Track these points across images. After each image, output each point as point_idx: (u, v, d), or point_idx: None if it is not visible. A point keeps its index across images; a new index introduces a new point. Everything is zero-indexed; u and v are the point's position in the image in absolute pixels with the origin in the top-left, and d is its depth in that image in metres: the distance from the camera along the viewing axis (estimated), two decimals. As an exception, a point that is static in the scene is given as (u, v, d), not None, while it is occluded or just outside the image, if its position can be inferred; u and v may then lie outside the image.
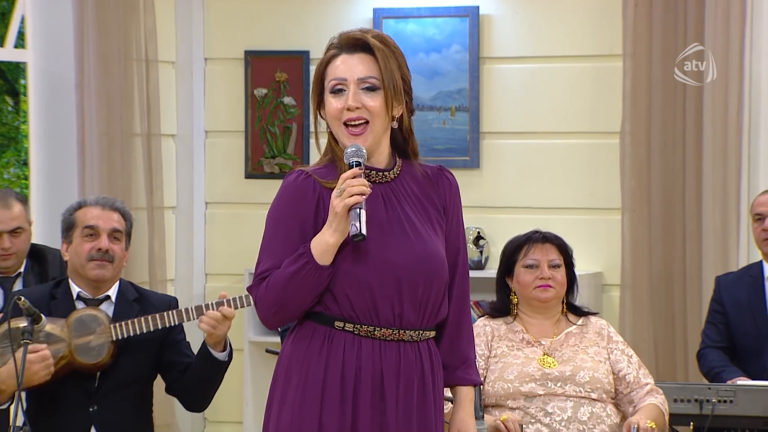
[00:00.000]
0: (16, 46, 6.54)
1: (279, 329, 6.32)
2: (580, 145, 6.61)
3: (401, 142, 3.44)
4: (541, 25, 6.64)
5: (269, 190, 7.05)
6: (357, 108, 3.29)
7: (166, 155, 6.90)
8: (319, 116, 3.40)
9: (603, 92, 6.53)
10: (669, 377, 6.17)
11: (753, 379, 5.38)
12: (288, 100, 6.98)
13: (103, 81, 6.45)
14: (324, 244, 3.23)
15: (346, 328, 3.29)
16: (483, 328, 4.82)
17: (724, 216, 6.23)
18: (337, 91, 3.31)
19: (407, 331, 3.32)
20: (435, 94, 6.78)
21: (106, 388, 4.37)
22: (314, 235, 3.27)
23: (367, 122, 3.30)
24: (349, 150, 3.29)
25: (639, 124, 6.36)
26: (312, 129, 6.99)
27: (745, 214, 6.15)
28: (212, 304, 4.46)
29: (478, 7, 6.70)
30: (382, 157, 3.37)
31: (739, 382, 5.21)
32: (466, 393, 3.48)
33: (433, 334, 3.39)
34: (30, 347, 4.09)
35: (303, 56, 6.96)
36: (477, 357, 4.59)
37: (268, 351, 5.72)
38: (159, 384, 4.72)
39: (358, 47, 3.33)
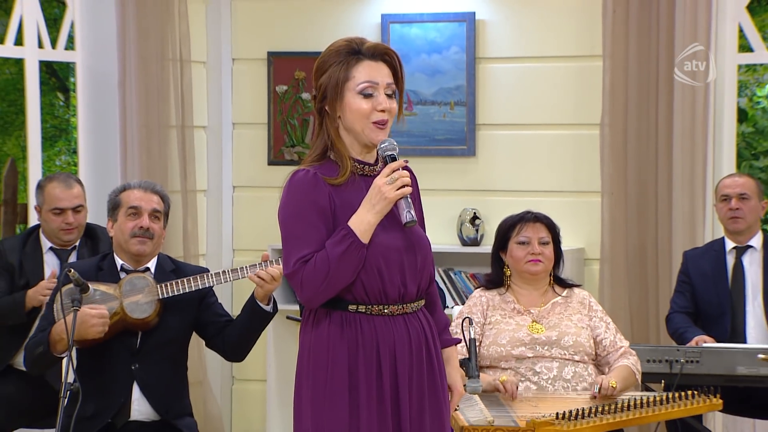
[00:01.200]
0: (66, 48, 6.56)
1: (299, 299, 6.36)
2: (564, 135, 6.62)
3: None
4: (529, 29, 6.65)
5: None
6: (387, 110, 3.32)
7: (198, 144, 6.92)
8: (323, 112, 3.37)
9: (585, 88, 6.53)
10: (642, 340, 6.18)
11: (715, 340, 5.41)
12: (305, 95, 6.97)
13: (143, 79, 6.47)
14: (366, 224, 3.24)
15: (359, 310, 3.31)
16: (479, 298, 4.84)
17: (692, 198, 6.24)
18: (367, 94, 3.29)
19: (409, 304, 3.37)
20: (436, 90, 6.79)
21: (146, 348, 4.39)
22: (332, 224, 3.28)
23: (387, 120, 3.33)
24: (384, 144, 3.31)
25: (617, 117, 6.37)
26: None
27: (710, 196, 6.15)
28: (247, 267, 4.48)
29: (474, 13, 6.70)
30: (372, 154, 3.39)
31: (704, 345, 5.22)
32: (451, 352, 3.53)
33: (423, 301, 3.44)
34: (90, 305, 4.13)
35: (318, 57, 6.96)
36: (474, 324, 4.64)
37: (288, 318, 5.75)
38: (192, 344, 4.74)
39: (378, 56, 3.34)
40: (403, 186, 3.26)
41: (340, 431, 3.26)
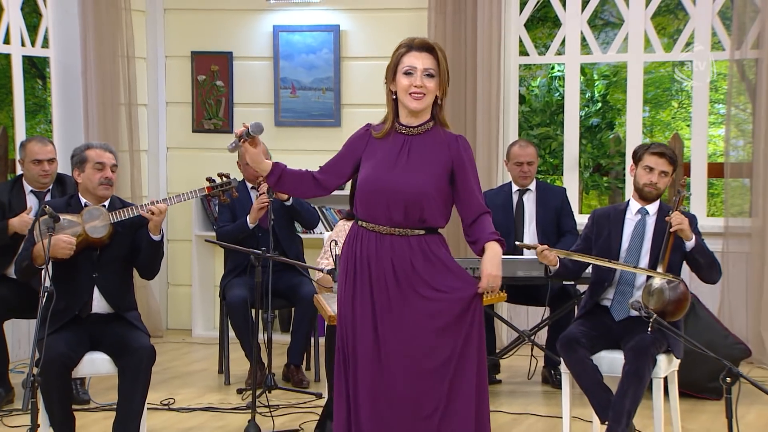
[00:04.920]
0: (42, 46, 6.40)
1: (214, 226, 6.25)
2: (401, 112, 6.62)
3: (439, 111, 3.35)
4: (376, 37, 6.63)
5: (207, 140, 7.01)
6: (421, 86, 3.25)
7: (141, 117, 6.77)
8: (388, 87, 3.32)
9: (416, 79, 6.54)
10: (455, 254, 6.20)
11: (505, 253, 5.47)
12: (219, 83, 6.88)
13: (100, 69, 6.33)
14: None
15: (364, 226, 3.29)
16: (342, 226, 4.80)
17: (489, 156, 6.31)
18: (407, 74, 3.24)
19: (396, 229, 3.27)
20: (312, 80, 6.73)
21: (103, 261, 4.26)
22: (359, 162, 3.32)
23: (424, 95, 3.26)
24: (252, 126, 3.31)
25: (437, 100, 6.39)
26: (235, 101, 7.00)
27: (501, 154, 6.24)
28: (144, 205, 4.32)
29: (338, 26, 6.65)
30: (419, 120, 3.31)
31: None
32: (489, 245, 3.30)
33: (422, 232, 3.28)
34: (62, 234, 4.01)
35: (228, 55, 6.86)
36: (338, 244, 4.60)
37: (206, 240, 5.65)
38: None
39: (425, 48, 3.27)
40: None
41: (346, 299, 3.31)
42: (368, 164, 3.30)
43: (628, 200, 4.46)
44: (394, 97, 3.32)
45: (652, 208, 4.38)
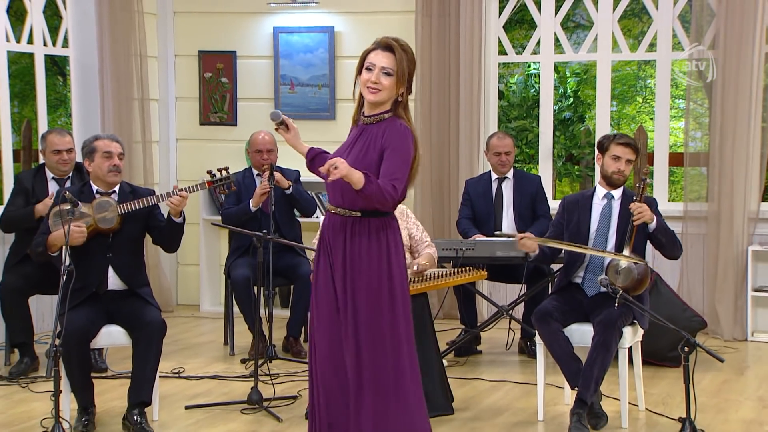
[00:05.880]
0: (62, 46, 6.35)
1: (220, 210, 6.23)
2: (391, 106, 6.60)
3: (397, 106, 3.29)
4: (368, 37, 6.47)
5: (213, 132, 6.98)
6: (376, 82, 3.20)
7: (153, 111, 6.73)
8: (356, 81, 3.30)
9: (404, 77, 6.51)
10: (440, 236, 6.27)
11: (486, 236, 5.49)
12: (224, 80, 6.86)
13: (115, 67, 6.30)
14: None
15: (328, 207, 3.33)
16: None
17: (471, 147, 6.30)
18: (368, 69, 3.20)
19: (338, 209, 3.26)
20: (310, 77, 6.70)
21: (116, 243, 4.25)
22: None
23: (379, 90, 3.20)
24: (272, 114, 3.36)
25: (424, 95, 6.37)
26: (238, 96, 6.97)
27: (482, 145, 6.22)
28: (171, 192, 4.31)
29: (333, 27, 6.62)
30: (376, 110, 3.25)
31: (478, 238, 5.30)
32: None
33: (358, 214, 3.23)
34: (73, 222, 3.99)
35: (233, 54, 6.83)
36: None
37: (213, 224, 5.63)
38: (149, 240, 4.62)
39: (388, 48, 3.22)
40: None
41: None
42: None
43: (595, 186, 4.47)
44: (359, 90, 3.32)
45: (617, 193, 4.39)
